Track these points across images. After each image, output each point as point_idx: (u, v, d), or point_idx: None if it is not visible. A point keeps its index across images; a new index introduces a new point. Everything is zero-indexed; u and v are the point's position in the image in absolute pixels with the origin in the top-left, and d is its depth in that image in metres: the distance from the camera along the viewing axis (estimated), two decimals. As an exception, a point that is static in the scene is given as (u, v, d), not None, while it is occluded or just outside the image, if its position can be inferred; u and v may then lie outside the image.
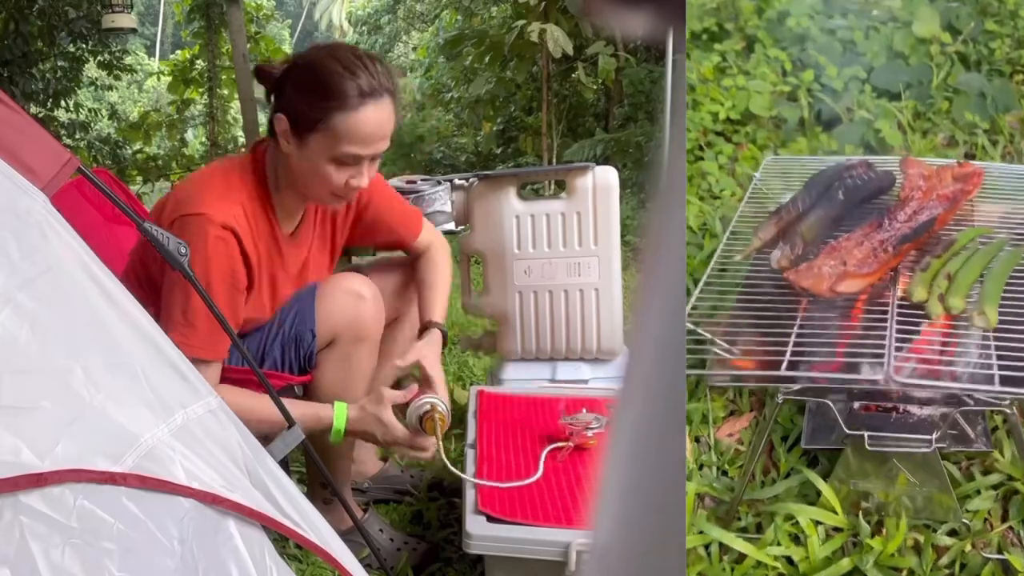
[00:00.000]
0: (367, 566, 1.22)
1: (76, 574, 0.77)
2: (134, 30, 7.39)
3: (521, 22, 5.67)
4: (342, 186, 1.40)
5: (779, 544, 1.06)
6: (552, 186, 4.24)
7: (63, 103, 7.44)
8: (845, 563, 1.03)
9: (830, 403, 1.09)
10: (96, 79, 8.59)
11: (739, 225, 1.37)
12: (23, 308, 0.88)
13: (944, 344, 1.10)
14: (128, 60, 9.02)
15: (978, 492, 1.11)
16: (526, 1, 5.98)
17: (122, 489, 0.83)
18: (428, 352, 1.55)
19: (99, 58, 7.79)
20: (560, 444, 1.55)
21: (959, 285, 1.09)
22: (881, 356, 1.05)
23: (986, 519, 1.09)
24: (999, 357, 1.03)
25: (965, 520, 1.08)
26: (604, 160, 5.85)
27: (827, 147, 1.88)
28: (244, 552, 0.90)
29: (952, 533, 1.08)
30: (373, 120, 1.37)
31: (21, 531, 0.77)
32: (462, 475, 1.48)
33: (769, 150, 1.92)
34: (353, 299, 1.52)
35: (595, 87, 7.48)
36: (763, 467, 1.19)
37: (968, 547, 1.05)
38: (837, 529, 1.09)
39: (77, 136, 7.54)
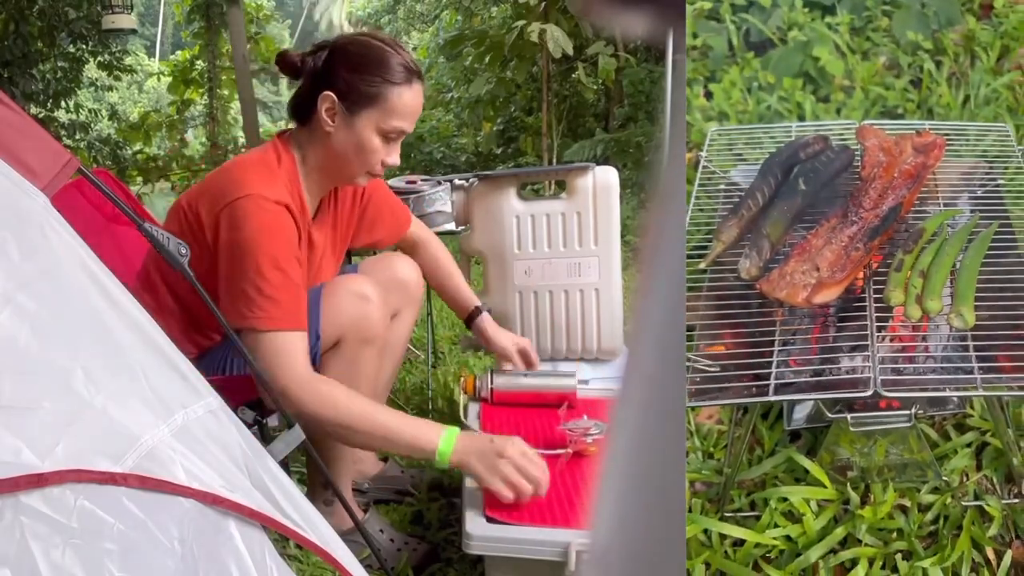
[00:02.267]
0: (367, 566, 1.22)
1: (76, 574, 0.77)
2: (134, 31, 7.40)
3: (521, 22, 5.67)
4: (378, 163, 1.48)
5: (776, 526, 1.10)
6: (552, 186, 4.24)
7: (63, 104, 7.45)
8: (839, 531, 1.09)
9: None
10: (96, 80, 8.59)
11: (696, 214, 1.31)
12: (23, 308, 0.88)
13: (924, 343, 1.12)
14: (128, 61, 9.02)
15: (955, 451, 1.17)
16: (526, 1, 5.99)
17: (122, 489, 0.83)
18: (505, 334, 1.79)
19: (99, 59, 7.80)
20: (559, 451, 1.55)
21: (933, 285, 1.09)
22: (866, 364, 1.05)
23: (963, 472, 1.16)
24: (977, 355, 1.04)
25: (945, 478, 1.13)
26: (604, 160, 5.85)
27: (762, 79, 1.77)
28: (244, 552, 0.90)
29: (933, 490, 1.14)
30: (418, 97, 1.48)
31: (21, 531, 0.77)
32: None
33: (699, 84, 1.79)
34: (358, 301, 1.52)
35: (595, 87, 7.49)
36: (748, 445, 1.20)
37: (949, 500, 1.12)
38: (828, 500, 1.13)
39: (77, 137, 7.55)
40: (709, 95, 1.79)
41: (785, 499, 1.13)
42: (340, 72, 1.45)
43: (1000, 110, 1.68)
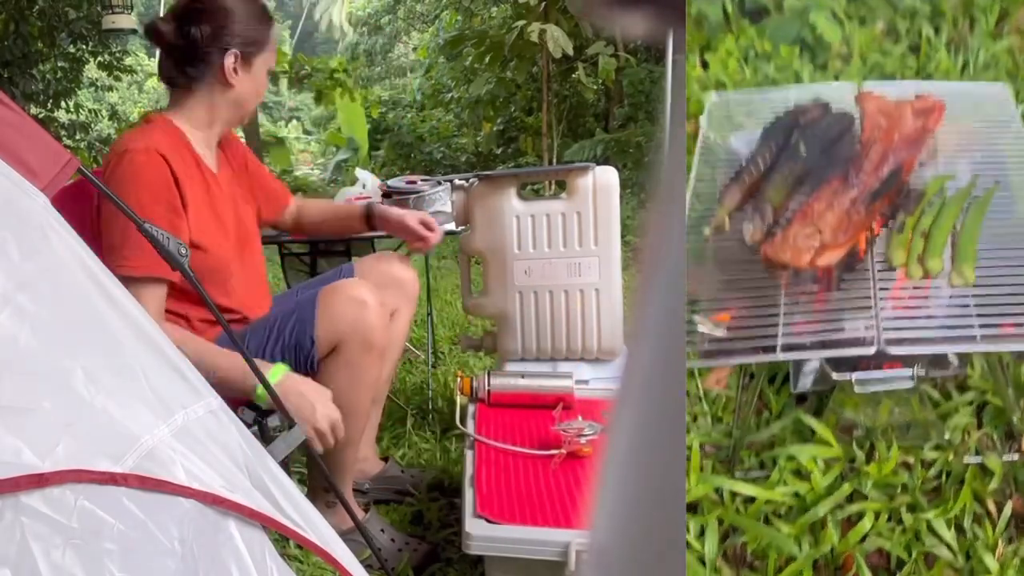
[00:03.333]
0: (367, 566, 1.22)
1: (77, 574, 0.77)
2: (134, 31, 7.39)
3: (521, 22, 5.67)
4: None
5: (785, 484, 1.14)
6: (552, 186, 4.24)
7: (63, 104, 7.45)
8: (846, 488, 1.13)
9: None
10: (96, 80, 8.60)
11: (699, 185, 1.31)
12: (23, 309, 0.88)
13: (926, 302, 1.13)
14: (128, 61, 9.02)
15: (956, 410, 1.21)
16: (526, 1, 5.99)
17: (123, 489, 0.83)
18: (402, 210, 1.88)
19: (99, 59, 7.79)
20: (553, 452, 1.55)
21: (934, 245, 1.12)
22: (870, 323, 1.08)
23: (965, 430, 1.20)
24: (978, 314, 1.07)
25: (947, 435, 1.18)
26: (604, 160, 5.85)
27: (759, 47, 1.75)
28: (245, 552, 0.90)
29: (936, 447, 1.18)
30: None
31: (22, 532, 0.77)
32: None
33: (694, 53, 1.75)
34: (356, 306, 1.51)
35: (595, 87, 7.49)
36: (755, 409, 1.24)
37: (951, 456, 1.16)
38: (834, 458, 1.17)
39: (77, 137, 7.55)
40: (705, 64, 1.76)
41: (793, 458, 1.17)
42: (236, 29, 1.55)
43: (999, 75, 1.66)
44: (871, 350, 1.04)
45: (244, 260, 1.64)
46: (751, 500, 1.14)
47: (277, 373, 1.41)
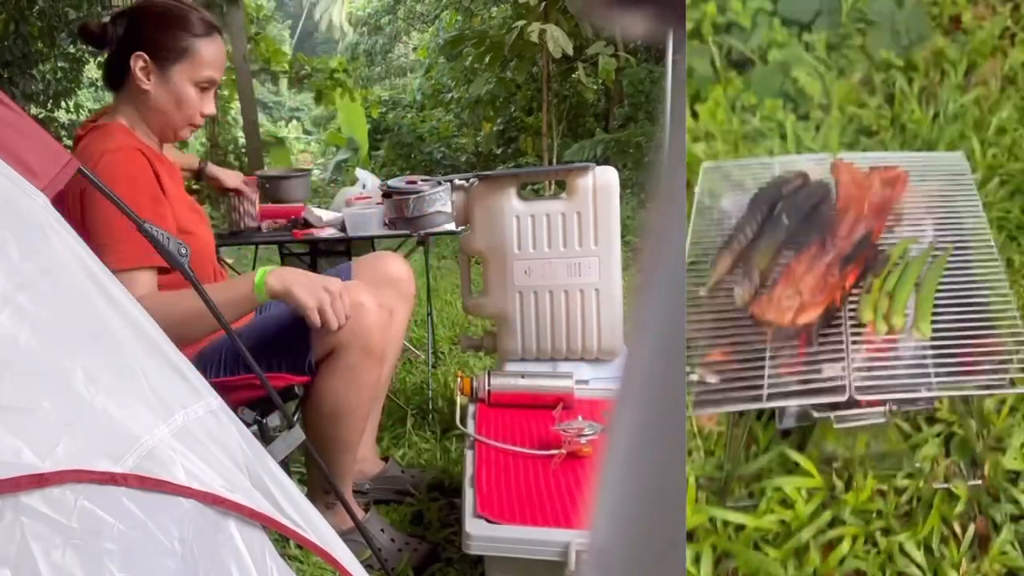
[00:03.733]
0: (368, 566, 1.22)
1: (76, 574, 0.77)
2: (134, 31, 7.37)
3: (521, 22, 5.67)
4: (198, 113, 1.60)
5: (772, 512, 1.26)
6: (552, 186, 4.24)
7: (63, 104, 7.45)
8: (827, 515, 1.24)
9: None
10: (96, 80, 8.59)
11: (693, 249, 1.49)
12: (23, 309, 0.88)
13: (891, 355, 1.29)
14: (128, 61, 9.00)
15: (926, 441, 1.33)
16: (526, 1, 5.99)
17: (123, 490, 0.83)
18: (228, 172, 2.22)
19: (99, 59, 7.78)
20: (553, 452, 1.55)
21: (897, 304, 1.29)
22: (842, 374, 1.23)
23: (934, 459, 1.32)
24: (935, 366, 1.22)
25: (917, 464, 1.30)
26: (604, 160, 5.86)
27: (746, 101, 1.86)
28: (245, 552, 0.90)
29: (908, 475, 1.30)
30: (221, 48, 1.62)
31: (22, 532, 0.77)
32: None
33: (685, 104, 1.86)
34: (354, 309, 1.50)
35: (595, 87, 7.49)
36: (745, 444, 1.37)
37: (921, 483, 1.28)
38: (816, 488, 1.29)
39: (77, 137, 7.53)
40: (695, 115, 1.87)
41: (779, 489, 1.29)
42: (146, 33, 1.55)
43: (966, 126, 1.79)
44: (843, 397, 1.19)
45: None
46: (742, 528, 1.25)
47: (261, 276, 1.44)
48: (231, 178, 2.24)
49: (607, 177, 1.89)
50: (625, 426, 0.30)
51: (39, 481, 0.78)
